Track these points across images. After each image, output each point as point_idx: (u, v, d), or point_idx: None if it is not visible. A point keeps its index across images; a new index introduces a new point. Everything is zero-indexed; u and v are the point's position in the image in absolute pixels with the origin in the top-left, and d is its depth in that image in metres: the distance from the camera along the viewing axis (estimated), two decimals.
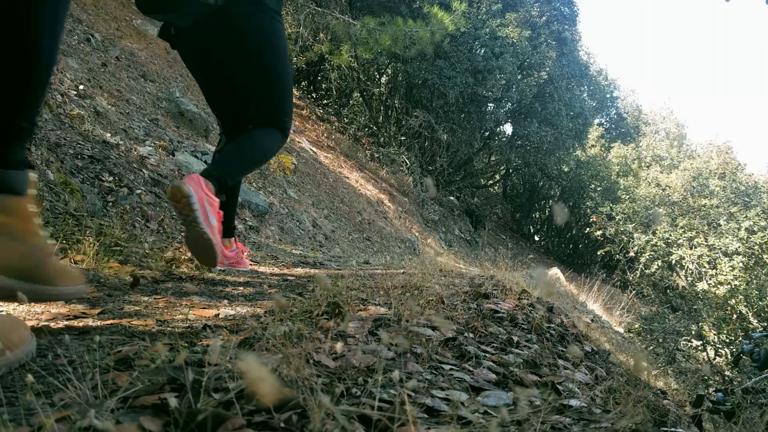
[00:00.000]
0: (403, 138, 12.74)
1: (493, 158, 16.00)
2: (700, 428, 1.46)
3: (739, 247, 8.29)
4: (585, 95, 17.26)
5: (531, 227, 20.29)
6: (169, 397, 0.64)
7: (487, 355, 1.07)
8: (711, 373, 5.72)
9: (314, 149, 9.66)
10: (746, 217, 8.78)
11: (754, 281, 7.62)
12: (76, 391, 0.65)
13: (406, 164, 12.28)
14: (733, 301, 7.43)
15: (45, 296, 1.00)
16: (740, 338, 6.41)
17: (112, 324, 1.15)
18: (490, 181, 18.23)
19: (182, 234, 1.70)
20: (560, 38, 14.29)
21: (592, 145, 19.71)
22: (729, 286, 7.80)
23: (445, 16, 7.80)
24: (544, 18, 13.75)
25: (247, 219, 4.20)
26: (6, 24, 0.86)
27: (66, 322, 1.15)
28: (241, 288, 1.79)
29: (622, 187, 14.89)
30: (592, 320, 6.67)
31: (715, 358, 6.85)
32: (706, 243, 9.11)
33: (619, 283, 13.20)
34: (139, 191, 2.85)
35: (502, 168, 17.58)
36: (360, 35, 7.82)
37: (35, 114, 0.94)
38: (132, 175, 2.97)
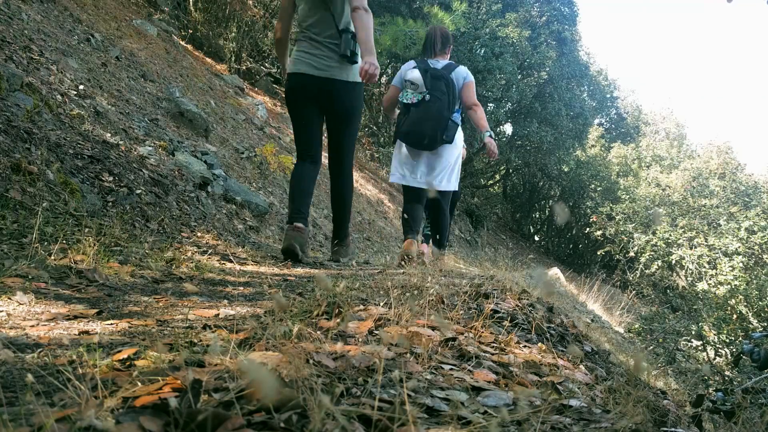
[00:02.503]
0: None
1: (487, 159, 15.98)
2: (700, 428, 1.46)
3: (739, 247, 8.29)
4: (585, 95, 17.26)
5: (531, 227, 20.29)
6: (169, 397, 0.64)
7: (487, 355, 1.07)
8: (711, 373, 5.72)
9: None
10: (746, 217, 8.78)
11: (754, 281, 7.62)
12: (76, 391, 0.65)
13: None
14: (733, 301, 7.43)
15: None
16: (740, 338, 6.41)
17: (112, 324, 1.15)
18: (490, 181, 18.23)
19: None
20: (560, 38, 14.29)
21: (592, 145, 19.71)
22: (729, 286, 7.80)
23: (445, 16, 7.80)
24: (544, 18, 13.76)
25: (247, 219, 4.20)
26: None
27: (66, 322, 1.15)
28: (241, 288, 1.79)
29: (622, 187, 14.89)
30: (592, 320, 6.67)
31: (715, 358, 6.85)
32: (706, 243, 9.12)
33: (619, 283, 13.20)
34: (139, 191, 2.86)
35: (502, 168, 17.58)
36: None
37: None
38: (132, 175, 2.97)
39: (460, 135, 3.20)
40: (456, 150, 3.17)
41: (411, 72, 3.05)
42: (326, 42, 2.55)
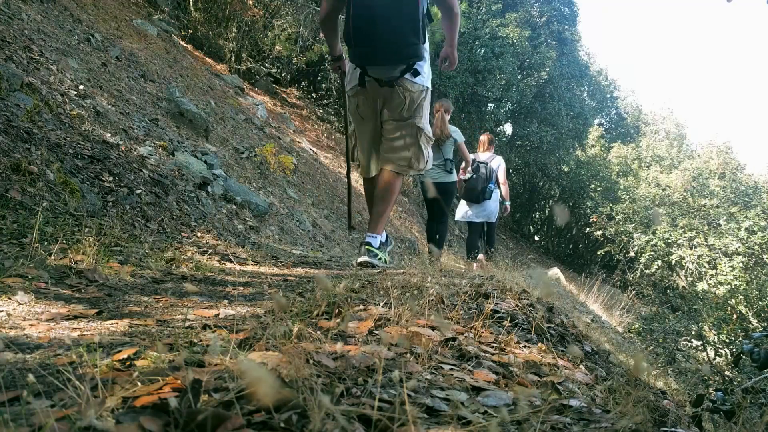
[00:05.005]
0: None
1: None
2: (700, 428, 1.46)
3: (739, 247, 8.28)
4: (585, 95, 17.27)
5: (531, 227, 20.30)
6: (169, 397, 0.64)
7: (487, 355, 1.07)
8: (711, 373, 5.72)
9: (314, 149, 9.66)
10: (746, 217, 8.77)
11: (754, 281, 7.62)
12: (76, 391, 0.65)
13: None
14: (733, 301, 7.43)
15: None
16: (740, 338, 6.41)
17: (112, 324, 1.15)
18: None
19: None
20: (560, 38, 14.30)
21: (592, 145, 19.71)
22: (729, 286, 7.80)
23: None
24: (544, 18, 13.77)
25: (247, 219, 4.20)
26: None
27: (66, 322, 1.15)
28: (241, 288, 1.79)
29: (622, 187, 14.88)
30: (592, 320, 6.67)
31: (715, 358, 6.85)
32: (706, 243, 9.11)
33: (619, 283, 13.20)
34: (139, 191, 2.86)
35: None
36: None
37: None
38: (132, 175, 2.98)
39: (496, 193, 5.40)
40: (494, 203, 5.39)
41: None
42: (440, 165, 4.69)
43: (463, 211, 5.49)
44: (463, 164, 5.15)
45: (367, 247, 2.44)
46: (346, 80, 2.58)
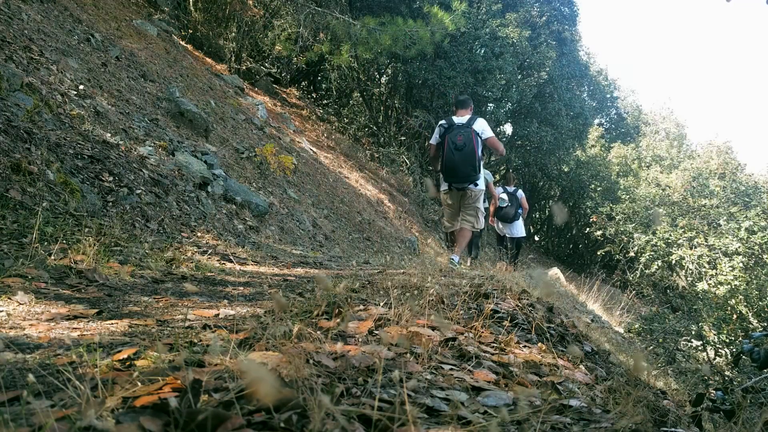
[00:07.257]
0: (403, 138, 12.75)
1: (492, 158, 16.00)
2: (700, 428, 1.46)
3: (739, 247, 8.28)
4: (585, 95, 17.27)
5: (531, 227, 20.29)
6: (169, 397, 0.64)
7: (487, 355, 1.07)
8: (711, 373, 5.72)
9: (314, 149, 9.66)
10: (746, 217, 8.76)
11: (754, 281, 7.61)
12: (76, 391, 0.65)
13: (406, 164, 12.29)
14: (733, 301, 7.43)
15: None
16: (740, 338, 6.40)
17: (112, 324, 1.15)
18: None
19: None
20: (560, 38, 14.29)
21: (592, 145, 19.70)
22: (729, 286, 7.79)
23: (445, 16, 7.80)
24: (544, 18, 13.75)
25: (247, 219, 4.20)
26: None
27: (66, 322, 1.15)
28: (241, 288, 1.79)
29: (622, 187, 14.86)
30: (592, 320, 6.67)
31: (715, 358, 6.84)
32: (706, 243, 9.11)
33: (619, 283, 13.19)
34: (139, 191, 2.86)
35: (502, 168, 17.58)
36: (360, 35, 7.81)
37: None
38: (132, 175, 2.97)
39: (521, 217, 7.22)
40: (521, 221, 7.22)
41: (502, 193, 7.11)
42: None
43: (499, 229, 7.46)
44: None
45: (451, 259, 4.19)
46: (440, 181, 4.42)
